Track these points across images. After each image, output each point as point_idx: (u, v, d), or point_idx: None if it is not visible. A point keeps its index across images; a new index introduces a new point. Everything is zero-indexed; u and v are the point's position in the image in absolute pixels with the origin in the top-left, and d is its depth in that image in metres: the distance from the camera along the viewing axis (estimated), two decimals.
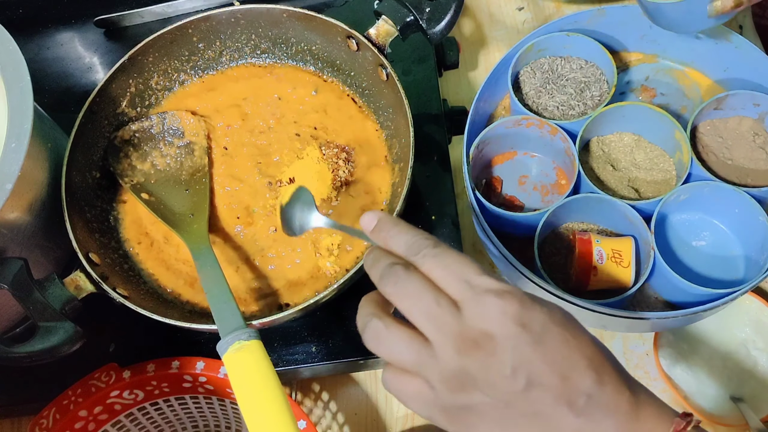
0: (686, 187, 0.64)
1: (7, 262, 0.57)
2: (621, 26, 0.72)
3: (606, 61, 0.70)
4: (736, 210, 0.64)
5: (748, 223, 0.64)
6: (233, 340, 0.52)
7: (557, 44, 0.72)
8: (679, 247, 0.67)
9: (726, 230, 0.67)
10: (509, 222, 0.67)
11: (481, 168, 0.72)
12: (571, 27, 0.72)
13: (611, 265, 0.62)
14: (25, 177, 0.57)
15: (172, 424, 0.72)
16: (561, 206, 0.65)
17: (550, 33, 0.71)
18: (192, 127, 0.72)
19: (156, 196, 0.69)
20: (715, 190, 0.64)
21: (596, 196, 0.65)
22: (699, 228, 0.68)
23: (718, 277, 0.66)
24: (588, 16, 0.71)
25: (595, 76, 0.71)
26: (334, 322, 0.68)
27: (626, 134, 0.70)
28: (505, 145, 0.71)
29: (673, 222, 0.68)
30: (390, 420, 0.72)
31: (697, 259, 0.66)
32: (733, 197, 0.64)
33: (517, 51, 0.70)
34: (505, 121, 0.68)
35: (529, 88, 0.71)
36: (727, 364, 0.68)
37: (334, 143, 0.71)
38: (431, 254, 0.42)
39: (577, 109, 0.70)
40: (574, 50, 0.72)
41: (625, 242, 0.64)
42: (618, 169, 0.69)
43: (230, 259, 0.67)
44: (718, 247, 0.67)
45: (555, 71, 0.72)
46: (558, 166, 0.71)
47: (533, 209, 0.69)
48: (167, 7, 0.85)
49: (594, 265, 0.62)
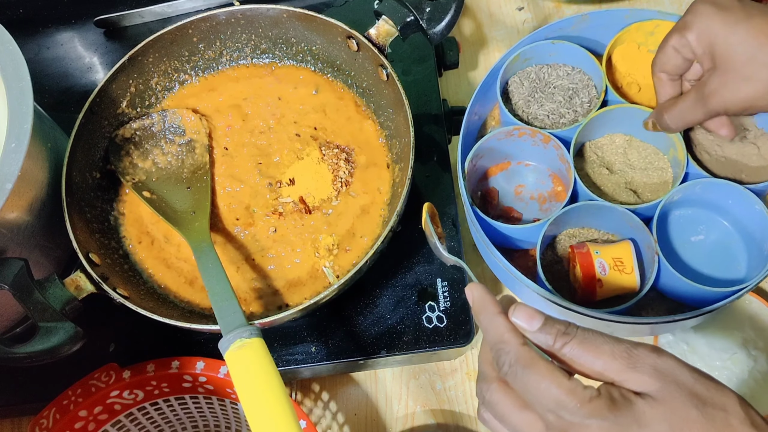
0: (681, 187, 0.64)
1: (7, 262, 0.57)
2: (605, 29, 0.72)
3: (593, 66, 0.70)
4: (730, 201, 0.65)
5: (745, 214, 0.64)
6: (235, 338, 0.52)
7: (543, 52, 0.72)
8: (679, 244, 0.67)
9: (725, 223, 0.67)
10: (509, 235, 0.67)
11: (476, 181, 0.72)
12: (556, 34, 0.72)
13: (615, 275, 0.62)
14: (25, 177, 0.57)
15: (172, 424, 0.72)
16: (560, 215, 0.64)
17: (535, 42, 0.71)
18: (193, 124, 0.72)
19: (157, 194, 0.69)
20: (708, 186, 0.64)
21: (595, 203, 0.65)
22: (697, 223, 0.68)
23: (721, 270, 0.66)
24: (572, 23, 0.71)
25: (583, 82, 0.71)
26: (334, 322, 0.68)
27: (617, 135, 0.70)
28: (498, 156, 0.71)
29: (670, 220, 0.68)
30: (390, 420, 0.72)
31: (699, 254, 0.66)
32: (727, 190, 0.64)
33: (503, 62, 0.70)
34: (497, 133, 0.68)
35: (518, 98, 0.71)
36: (726, 364, 0.68)
37: (334, 143, 0.71)
38: None
39: (568, 117, 0.70)
40: (560, 57, 0.72)
41: (624, 247, 0.64)
42: (614, 172, 0.69)
43: (230, 259, 0.67)
44: (719, 241, 0.67)
45: (542, 79, 0.72)
46: (554, 174, 0.71)
47: (531, 219, 0.69)
48: (167, 7, 0.85)
49: (598, 278, 0.62)
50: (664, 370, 0.42)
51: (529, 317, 0.44)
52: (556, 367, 0.42)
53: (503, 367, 0.43)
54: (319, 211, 0.69)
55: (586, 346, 0.43)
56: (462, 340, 0.67)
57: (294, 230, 0.68)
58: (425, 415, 0.72)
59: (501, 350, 0.44)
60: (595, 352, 0.42)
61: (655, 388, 0.41)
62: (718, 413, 0.41)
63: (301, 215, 0.69)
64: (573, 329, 0.44)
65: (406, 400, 0.73)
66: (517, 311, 0.45)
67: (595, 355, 0.42)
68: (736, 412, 0.41)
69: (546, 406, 0.42)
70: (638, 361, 0.42)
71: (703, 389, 0.42)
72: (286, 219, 0.69)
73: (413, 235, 0.70)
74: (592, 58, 0.70)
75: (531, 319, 0.44)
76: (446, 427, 0.71)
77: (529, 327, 0.44)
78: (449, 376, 0.73)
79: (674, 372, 0.42)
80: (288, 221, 0.69)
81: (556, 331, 0.43)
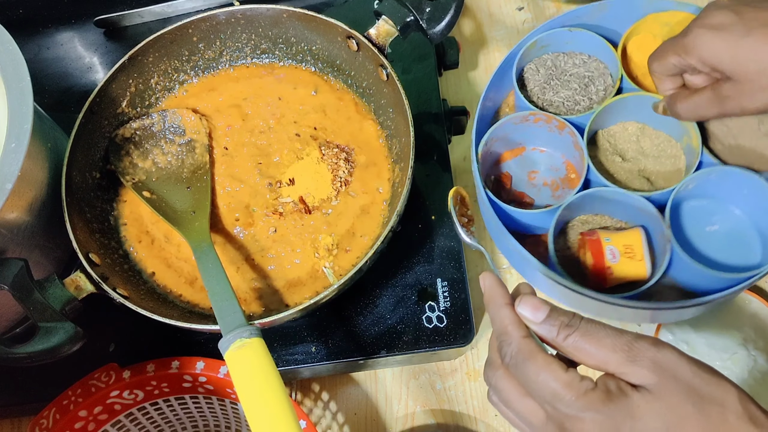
0: (695, 175, 0.64)
1: (7, 262, 0.57)
2: (622, 19, 0.72)
3: (609, 55, 0.70)
4: (745, 191, 0.64)
5: (760, 204, 0.64)
6: (235, 337, 0.52)
7: (560, 40, 0.71)
8: (693, 234, 0.67)
9: (738, 213, 0.67)
10: (521, 220, 0.67)
11: (490, 165, 0.71)
12: (574, 22, 0.72)
13: (625, 261, 0.62)
14: (25, 177, 0.57)
15: (172, 424, 0.72)
16: (574, 200, 0.65)
17: (552, 29, 0.71)
18: (193, 124, 0.72)
19: (157, 194, 0.69)
20: (723, 174, 0.64)
21: (609, 190, 0.65)
22: (711, 213, 0.67)
23: (736, 259, 0.65)
24: (589, 11, 0.71)
25: (599, 71, 0.71)
26: (333, 322, 0.68)
27: (630, 123, 0.70)
28: (512, 141, 0.71)
29: (685, 211, 0.68)
30: (390, 420, 0.72)
31: (713, 245, 0.66)
32: (740, 179, 0.64)
33: (520, 48, 0.70)
34: (513, 117, 0.68)
35: (533, 85, 0.71)
36: (726, 364, 0.68)
37: (334, 143, 0.71)
38: None
39: (583, 104, 0.70)
40: (577, 45, 0.72)
41: (634, 234, 0.64)
42: (627, 160, 0.69)
43: (230, 259, 0.67)
44: (733, 231, 0.66)
45: (558, 67, 0.72)
46: (567, 160, 0.71)
47: (544, 205, 0.69)
48: (167, 7, 0.85)
49: (608, 266, 0.62)
50: (663, 363, 0.42)
51: (534, 309, 0.45)
52: (555, 360, 0.43)
53: (506, 357, 0.45)
54: (318, 211, 0.69)
55: (588, 339, 0.43)
56: (462, 340, 0.67)
57: (294, 230, 0.68)
58: (425, 415, 0.72)
59: (504, 341, 0.45)
60: (597, 344, 0.43)
61: (652, 382, 0.42)
62: (715, 409, 0.41)
63: (301, 215, 0.69)
64: (576, 321, 0.45)
65: (406, 400, 0.73)
66: (523, 302, 0.46)
67: (597, 348, 0.43)
68: (734, 407, 0.41)
69: (543, 397, 0.43)
70: (638, 354, 0.42)
71: (702, 383, 0.42)
72: (286, 219, 0.69)
73: (413, 235, 0.70)
74: (609, 47, 0.70)
75: (536, 310, 0.45)
76: (446, 427, 0.71)
77: (534, 318, 0.45)
78: (449, 376, 0.73)
79: (673, 365, 0.42)
80: (288, 221, 0.69)
81: (559, 323, 0.45)
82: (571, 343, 0.44)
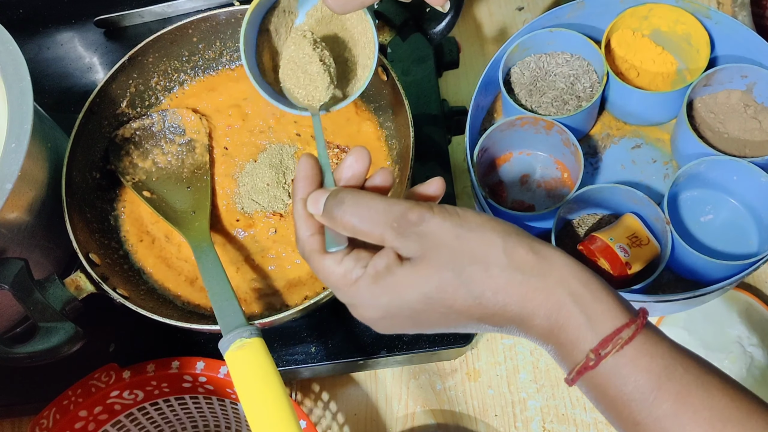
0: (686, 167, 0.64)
1: (7, 262, 0.57)
2: (601, 16, 0.72)
3: (592, 52, 0.70)
4: (735, 177, 0.65)
5: (752, 189, 0.64)
6: (235, 337, 0.52)
7: (541, 41, 0.72)
8: (689, 225, 0.67)
9: (733, 201, 0.67)
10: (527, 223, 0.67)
11: (481, 175, 0.72)
12: (553, 23, 0.72)
13: (636, 251, 0.63)
14: (25, 177, 0.57)
15: (172, 424, 0.72)
16: (571, 200, 0.65)
17: (533, 31, 0.71)
18: (193, 124, 0.72)
19: (158, 194, 0.69)
20: (713, 164, 0.64)
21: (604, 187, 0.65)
22: (705, 204, 0.68)
23: (733, 247, 0.66)
24: (568, 10, 0.72)
25: (583, 68, 0.71)
26: (333, 322, 0.69)
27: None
28: (501, 148, 0.71)
29: (679, 202, 0.68)
30: (390, 420, 0.72)
31: (710, 234, 0.66)
32: (731, 166, 0.64)
33: (503, 53, 0.70)
34: (499, 125, 0.68)
35: (519, 89, 0.71)
36: (725, 364, 0.68)
37: (333, 143, 0.71)
38: None
39: (572, 103, 0.70)
40: (559, 45, 0.72)
41: (629, 221, 0.64)
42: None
43: (230, 260, 0.67)
44: (728, 219, 0.67)
45: (542, 68, 0.72)
46: (558, 160, 0.71)
47: (543, 208, 0.70)
48: (167, 7, 0.85)
49: (625, 262, 0.63)
50: (428, 233, 0.41)
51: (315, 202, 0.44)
52: (330, 256, 0.43)
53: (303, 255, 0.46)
54: None
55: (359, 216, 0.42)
56: (462, 340, 0.67)
57: (294, 231, 0.68)
58: (425, 415, 0.72)
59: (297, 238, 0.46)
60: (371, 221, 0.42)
61: (417, 255, 0.41)
62: (476, 268, 0.40)
63: None
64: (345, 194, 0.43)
65: (406, 400, 0.73)
66: (309, 199, 0.45)
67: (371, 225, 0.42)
68: (497, 260, 0.41)
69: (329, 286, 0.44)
70: (407, 227, 0.41)
71: (463, 245, 0.41)
72: (286, 220, 0.69)
73: None
74: (591, 44, 0.70)
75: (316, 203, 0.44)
76: (446, 427, 0.71)
77: (316, 212, 0.44)
78: (449, 376, 0.73)
79: (437, 233, 0.41)
80: (288, 222, 0.68)
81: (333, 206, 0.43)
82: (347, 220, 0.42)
